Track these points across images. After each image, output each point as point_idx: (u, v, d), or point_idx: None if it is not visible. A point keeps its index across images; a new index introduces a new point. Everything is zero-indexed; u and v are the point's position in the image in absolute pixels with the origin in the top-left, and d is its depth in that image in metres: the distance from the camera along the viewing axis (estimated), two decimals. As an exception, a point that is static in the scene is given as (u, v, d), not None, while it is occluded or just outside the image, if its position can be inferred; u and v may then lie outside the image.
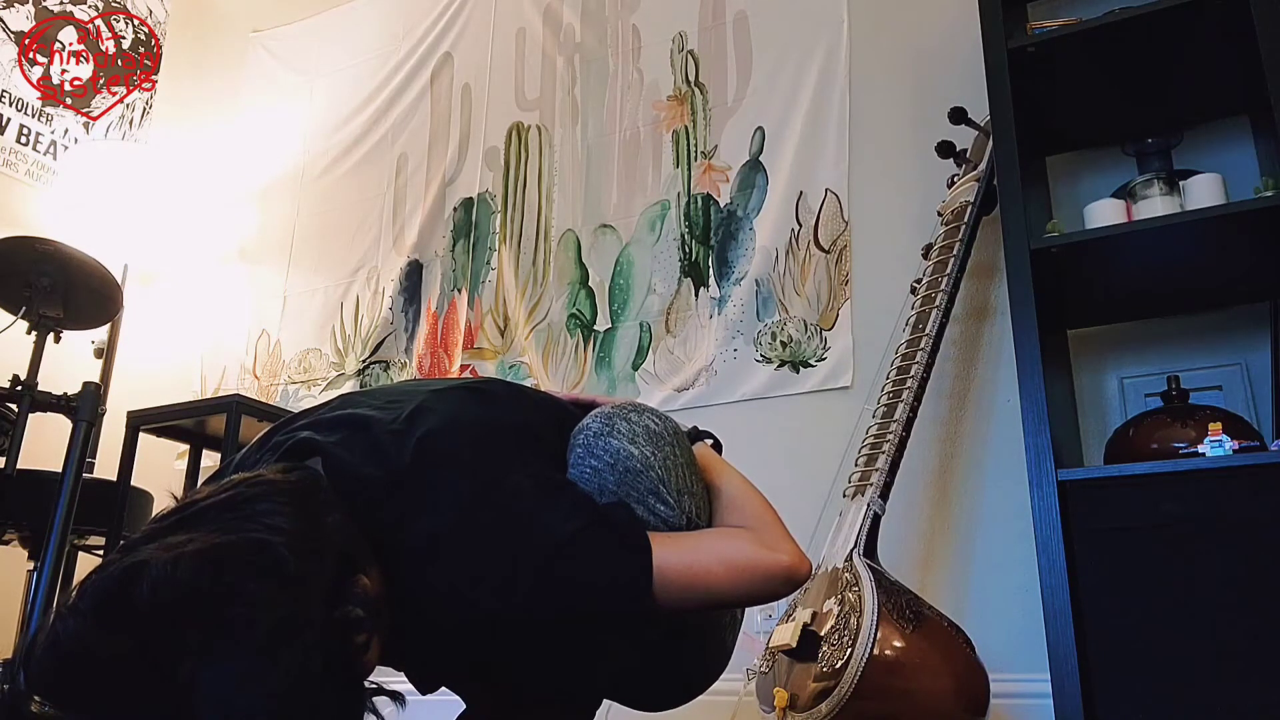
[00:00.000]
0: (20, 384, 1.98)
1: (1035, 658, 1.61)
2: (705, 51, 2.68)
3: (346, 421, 0.92)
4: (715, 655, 1.13)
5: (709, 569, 0.89)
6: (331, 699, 0.73)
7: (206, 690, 0.66)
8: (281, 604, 0.70)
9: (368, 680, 0.80)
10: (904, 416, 1.78)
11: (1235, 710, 1.38)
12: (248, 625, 0.68)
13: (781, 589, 0.92)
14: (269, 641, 0.69)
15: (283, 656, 0.69)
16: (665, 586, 0.86)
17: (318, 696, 0.71)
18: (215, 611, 0.68)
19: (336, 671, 0.73)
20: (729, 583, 0.90)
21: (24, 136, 3.19)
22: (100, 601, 0.69)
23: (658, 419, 0.99)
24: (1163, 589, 1.46)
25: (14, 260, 2.10)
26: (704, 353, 2.42)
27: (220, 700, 0.66)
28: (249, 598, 0.69)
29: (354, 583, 0.78)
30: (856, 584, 1.57)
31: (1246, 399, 1.84)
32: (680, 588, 0.87)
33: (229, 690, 0.67)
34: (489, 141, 2.95)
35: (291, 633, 0.70)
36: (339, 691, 0.74)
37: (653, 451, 0.95)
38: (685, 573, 0.88)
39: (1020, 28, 1.87)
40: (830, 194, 2.38)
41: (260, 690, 0.68)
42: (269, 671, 0.68)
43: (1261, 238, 1.65)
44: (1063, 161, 2.13)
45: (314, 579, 0.74)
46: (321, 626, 0.73)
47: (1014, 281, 1.68)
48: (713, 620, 1.10)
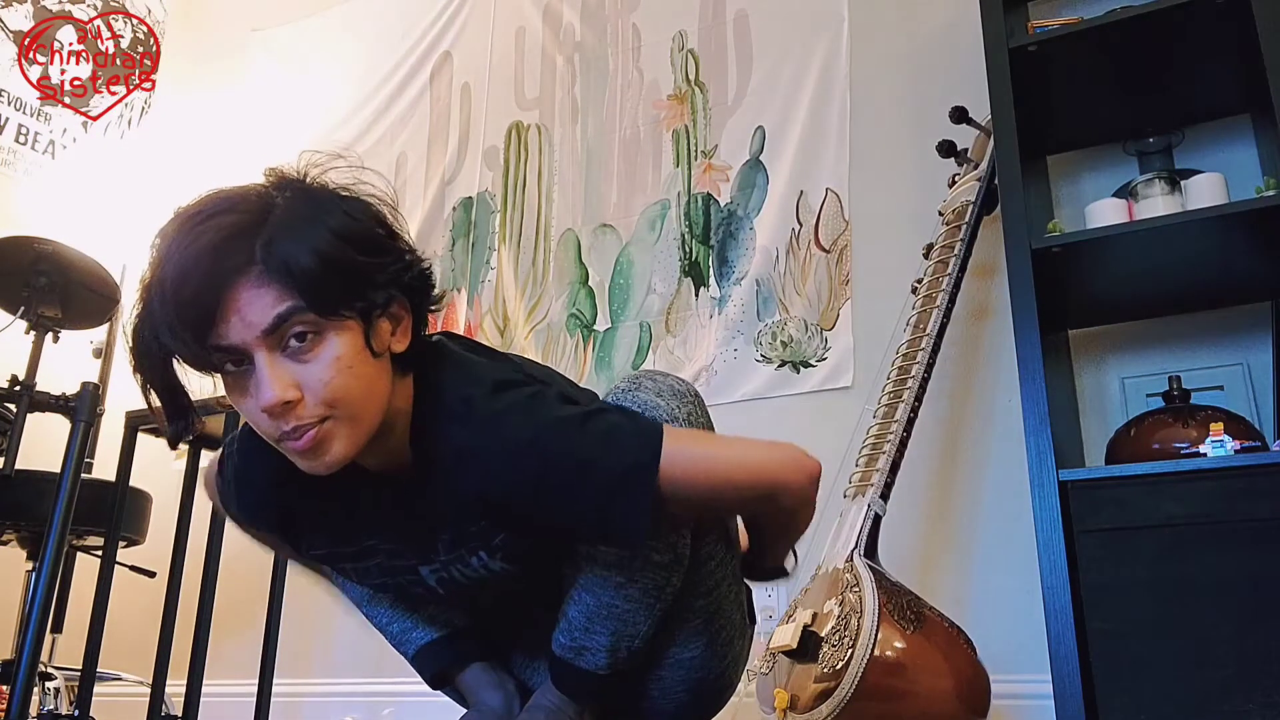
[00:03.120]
0: (19, 384, 1.98)
1: (1036, 658, 1.61)
2: (705, 50, 2.67)
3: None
4: (724, 657, 1.13)
5: (724, 452, 0.95)
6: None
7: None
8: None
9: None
10: (905, 416, 1.78)
11: (1237, 711, 1.38)
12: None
13: (794, 477, 0.97)
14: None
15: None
16: (673, 465, 0.88)
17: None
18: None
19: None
20: (740, 468, 0.94)
21: (22, 136, 3.18)
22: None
23: (681, 381, 1.03)
24: (1164, 589, 1.46)
25: (12, 260, 2.10)
26: (704, 352, 2.42)
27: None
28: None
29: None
30: (857, 585, 1.57)
31: (1248, 399, 1.83)
32: (688, 466, 0.90)
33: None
34: (488, 140, 2.95)
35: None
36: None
37: (678, 405, 0.99)
38: (697, 455, 0.91)
39: (1021, 27, 1.87)
40: (831, 193, 2.38)
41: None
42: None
43: (1263, 237, 1.65)
44: (1064, 161, 2.13)
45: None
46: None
47: (1015, 281, 1.68)
48: (720, 622, 1.10)
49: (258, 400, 0.84)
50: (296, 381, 0.84)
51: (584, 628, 1.02)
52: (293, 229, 0.84)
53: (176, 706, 2.13)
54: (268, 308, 0.82)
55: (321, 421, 0.86)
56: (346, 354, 0.86)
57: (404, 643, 1.18)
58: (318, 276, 0.83)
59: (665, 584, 1.01)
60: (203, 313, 0.82)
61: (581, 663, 1.04)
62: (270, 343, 0.83)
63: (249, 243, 0.82)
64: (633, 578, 0.99)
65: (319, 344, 0.85)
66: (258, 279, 0.82)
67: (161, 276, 0.83)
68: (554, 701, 1.07)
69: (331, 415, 0.86)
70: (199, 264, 0.82)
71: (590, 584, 1.01)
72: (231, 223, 0.83)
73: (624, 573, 0.99)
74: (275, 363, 0.83)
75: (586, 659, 1.04)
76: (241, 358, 0.84)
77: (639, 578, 1.00)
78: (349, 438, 0.88)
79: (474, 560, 1.01)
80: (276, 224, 0.84)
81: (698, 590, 1.07)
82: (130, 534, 2.38)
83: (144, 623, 2.18)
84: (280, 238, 0.83)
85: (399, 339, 0.93)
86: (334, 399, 0.85)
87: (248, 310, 0.82)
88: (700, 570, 1.06)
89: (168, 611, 2.12)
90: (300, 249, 0.83)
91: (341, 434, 0.87)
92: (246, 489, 1.08)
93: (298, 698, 2.43)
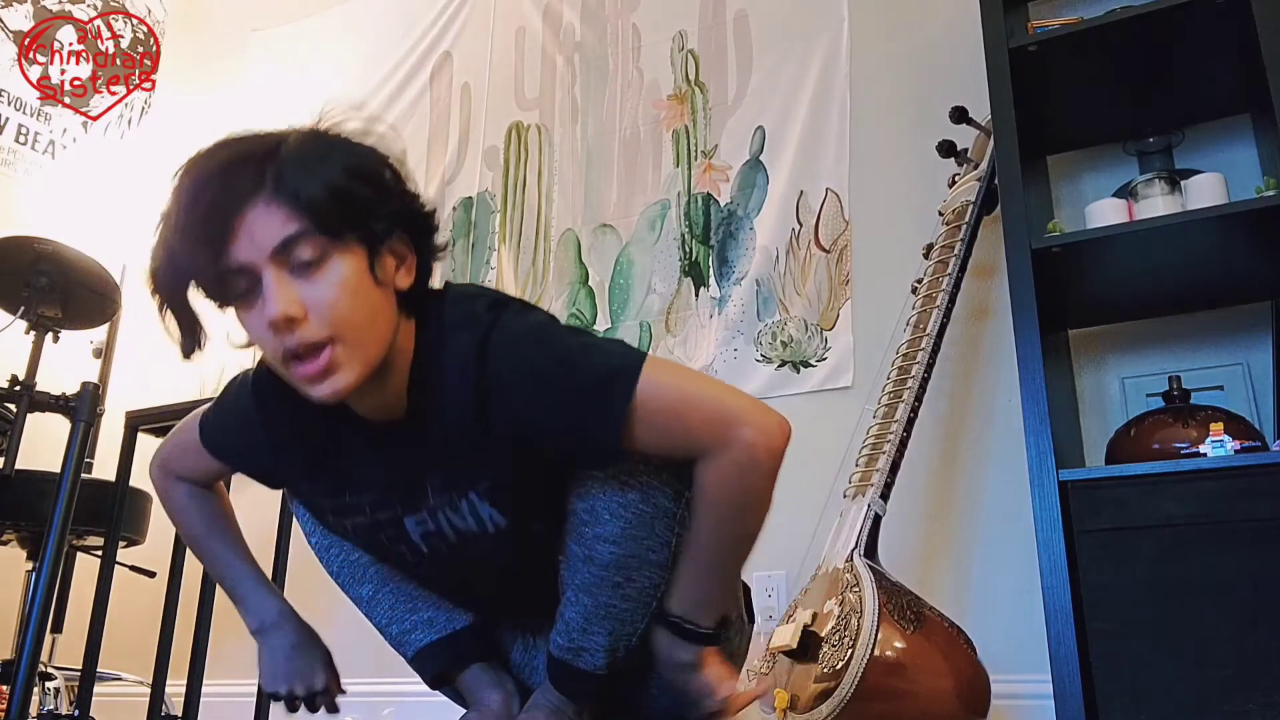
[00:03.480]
0: (19, 384, 1.98)
1: (1036, 658, 1.61)
2: (705, 50, 2.67)
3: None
4: None
5: (699, 381, 0.99)
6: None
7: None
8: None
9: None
10: (905, 416, 1.78)
11: (1237, 711, 1.38)
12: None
13: (757, 421, 0.94)
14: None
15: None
16: (649, 382, 0.92)
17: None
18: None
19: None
20: (709, 397, 0.95)
21: (22, 136, 3.18)
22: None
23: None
24: (1164, 589, 1.46)
25: (13, 260, 2.10)
26: (704, 352, 2.42)
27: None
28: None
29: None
30: (857, 585, 1.57)
31: (1248, 399, 1.83)
32: (663, 384, 0.93)
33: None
34: (488, 141, 2.95)
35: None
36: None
37: None
38: (672, 379, 0.94)
39: (1022, 26, 1.87)
40: (831, 193, 2.38)
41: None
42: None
43: (1263, 237, 1.65)
44: (1064, 161, 2.13)
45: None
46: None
47: (1015, 281, 1.68)
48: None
49: (264, 316, 0.87)
50: (302, 300, 0.88)
51: (581, 628, 1.03)
52: (303, 160, 0.89)
53: (176, 706, 2.13)
54: (276, 229, 0.87)
55: (328, 347, 0.89)
56: (351, 277, 0.89)
57: (404, 644, 1.19)
58: (325, 202, 0.88)
59: (662, 582, 1.01)
60: (214, 233, 0.87)
61: (580, 663, 1.04)
62: (278, 262, 0.87)
63: (260, 169, 0.87)
64: (629, 577, 0.99)
65: (325, 266, 0.88)
66: (267, 202, 0.87)
67: (177, 201, 0.88)
68: (553, 701, 1.08)
69: (337, 339, 0.89)
70: (210, 187, 0.87)
71: (587, 585, 1.01)
72: (244, 151, 0.89)
73: (621, 572, 0.99)
74: (282, 280, 0.87)
75: (585, 659, 1.04)
76: (252, 280, 0.88)
77: (636, 577, 1.00)
78: (356, 365, 0.90)
79: (463, 505, 1.01)
80: (287, 155, 0.89)
81: None
82: (130, 534, 2.37)
83: (144, 623, 2.18)
84: (290, 166, 0.88)
85: (403, 275, 0.97)
86: (337, 319, 0.89)
87: (257, 231, 0.87)
88: None
89: (168, 611, 2.12)
90: (309, 178, 0.88)
91: (348, 360, 0.90)
92: (243, 427, 1.11)
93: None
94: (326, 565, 1.22)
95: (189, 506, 1.22)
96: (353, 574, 1.20)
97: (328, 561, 1.22)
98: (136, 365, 3.18)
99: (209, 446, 1.16)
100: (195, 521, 1.23)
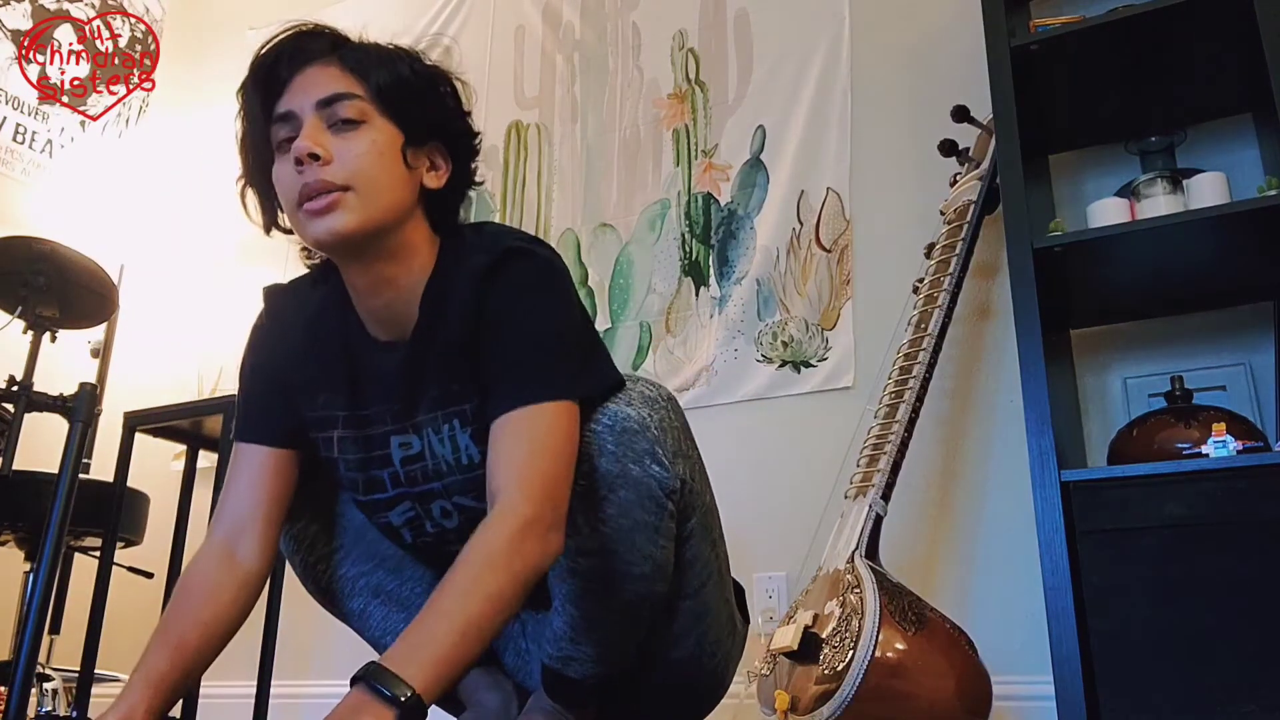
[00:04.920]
0: (16, 384, 1.97)
1: (1038, 660, 1.60)
2: (706, 49, 2.66)
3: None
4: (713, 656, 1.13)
5: (554, 447, 0.95)
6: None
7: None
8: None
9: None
10: (906, 417, 1.77)
11: (1240, 712, 1.37)
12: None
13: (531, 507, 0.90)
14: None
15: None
16: (559, 415, 0.96)
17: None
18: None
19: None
20: (549, 456, 0.95)
21: (20, 135, 3.18)
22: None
23: (652, 386, 1.04)
24: (1166, 590, 1.45)
25: (10, 260, 2.09)
26: (704, 352, 2.41)
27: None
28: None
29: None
30: (858, 586, 1.56)
31: (1250, 399, 1.83)
32: (540, 431, 0.95)
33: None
34: (488, 140, 2.93)
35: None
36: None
37: (649, 413, 1.00)
38: (550, 437, 0.95)
39: (1023, 25, 1.86)
40: (831, 193, 2.37)
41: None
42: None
43: (1265, 237, 1.65)
44: (1066, 160, 2.12)
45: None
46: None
47: (1017, 281, 1.67)
48: (709, 622, 1.10)
49: (293, 152, 0.96)
50: (331, 149, 0.96)
51: (570, 639, 1.03)
52: (371, 50, 1.03)
53: (175, 707, 2.12)
54: (329, 83, 0.99)
55: (340, 191, 0.96)
56: (381, 142, 0.99)
57: None
58: (380, 78, 1.00)
59: (648, 593, 1.01)
60: (274, 77, 1.00)
61: (570, 672, 1.05)
62: (321, 114, 0.98)
63: (333, 41, 1.02)
64: (612, 591, 1.00)
65: (361, 130, 0.98)
66: (327, 63, 1.00)
67: (254, 59, 1.02)
68: (547, 707, 1.08)
69: (351, 188, 0.96)
70: (284, 44, 1.02)
71: (575, 596, 1.01)
72: (324, 30, 1.04)
73: (608, 586, 0.99)
74: (319, 126, 0.97)
75: (574, 669, 1.04)
76: (294, 128, 0.98)
77: (623, 589, 1.00)
78: (358, 213, 0.97)
79: (445, 428, 1.03)
80: (358, 43, 1.04)
81: (684, 592, 1.07)
82: (128, 535, 2.37)
83: (142, 623, 2.17)
84: (361, 48, 1.03)
85: (432, 177, 1.05)
86: (357, 172, 0.96)
87: (311, 83, 0.99)
88: (686, 573, 1.06)
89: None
90: (375, 58, 1.02)
91: (353, 207, 0.96)
92: (266, 344, 1.14)
93: (296, 699, 2.42)
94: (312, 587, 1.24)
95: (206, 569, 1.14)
96: (340, 588, 1.20)
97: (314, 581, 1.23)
98: (134, 366, 3.17)
99: (245, 385, 1.15)
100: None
